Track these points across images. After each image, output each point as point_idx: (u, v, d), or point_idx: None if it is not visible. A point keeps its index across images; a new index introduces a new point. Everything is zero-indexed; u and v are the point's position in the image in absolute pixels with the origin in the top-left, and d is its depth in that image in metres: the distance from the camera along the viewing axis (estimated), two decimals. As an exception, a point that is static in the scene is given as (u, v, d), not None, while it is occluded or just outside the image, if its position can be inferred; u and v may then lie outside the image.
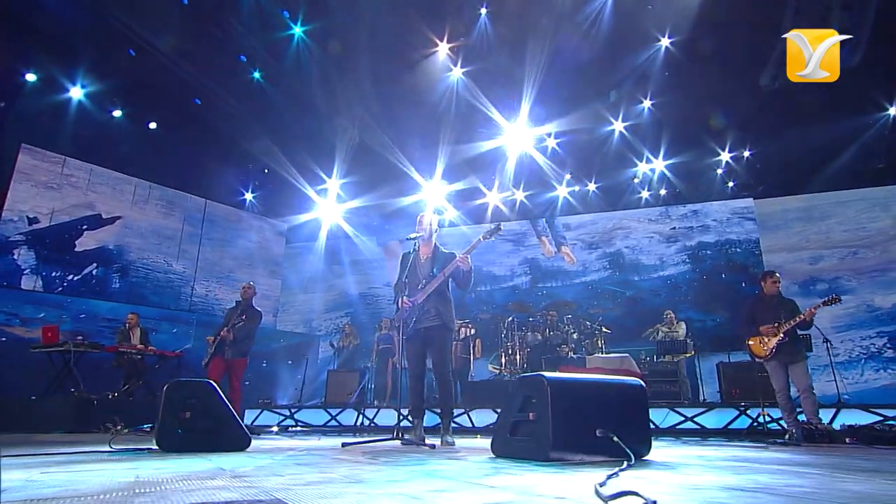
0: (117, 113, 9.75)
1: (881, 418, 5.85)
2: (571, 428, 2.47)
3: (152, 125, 10.19)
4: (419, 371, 4.32)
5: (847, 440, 4.70)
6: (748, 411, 6.51)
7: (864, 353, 9.54)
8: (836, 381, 6.45)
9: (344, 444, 3.67)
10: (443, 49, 9.32)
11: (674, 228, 11.20)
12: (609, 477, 1.85)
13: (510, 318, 9.05)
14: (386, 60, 9.23)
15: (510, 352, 8.74)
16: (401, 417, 4.19)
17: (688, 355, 8.19)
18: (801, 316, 5.03)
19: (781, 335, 5.08)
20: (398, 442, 3.84)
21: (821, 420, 4.92)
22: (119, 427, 6.23)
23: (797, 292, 10.10)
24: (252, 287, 6.73)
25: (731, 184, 10.81)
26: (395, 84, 9.65)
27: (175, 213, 11.03)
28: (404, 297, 4.26)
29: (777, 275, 5.43)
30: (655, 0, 8.44)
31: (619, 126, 9.94)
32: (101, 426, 6.20)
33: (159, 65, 8.94)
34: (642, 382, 2.94)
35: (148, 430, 3.72)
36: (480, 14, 8.81)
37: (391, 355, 9.49)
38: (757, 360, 5.36)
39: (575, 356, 8.03)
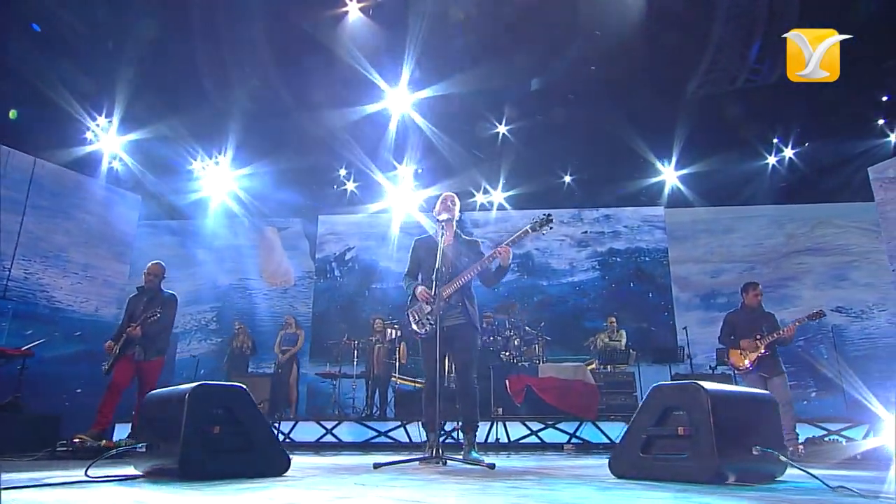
0: None
1: (825, 432, 5.88)
2: (729, 444, 2.27)
3: (-40, 52, 7.68)
4: (438, 377, 3.70)
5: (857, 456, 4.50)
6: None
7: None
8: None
9: (376, 465, 3.24)
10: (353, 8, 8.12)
11: (585, 233, 10.84)
12: None
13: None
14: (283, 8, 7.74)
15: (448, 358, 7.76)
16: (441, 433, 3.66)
17: (628, 365, 7.75)
18: (782, 332, 4.92)
19: (763, 349, 4.94)
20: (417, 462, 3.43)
21: (798, 435, 4.86)
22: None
23: (699, 304, 10.16)
24: (161, 267, 5.45)
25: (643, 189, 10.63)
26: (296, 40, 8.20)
27: (-14, 169, 8.49)
28: (425, 289, 3.75)
29: (759, 287, 5.29)
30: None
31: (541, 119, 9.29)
32: None
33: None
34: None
35: (143, 450, 2.78)
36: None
37: (297, 359, 8.44)
38: (736, 372, 5.23)
39: (526, 364, 7.46)
